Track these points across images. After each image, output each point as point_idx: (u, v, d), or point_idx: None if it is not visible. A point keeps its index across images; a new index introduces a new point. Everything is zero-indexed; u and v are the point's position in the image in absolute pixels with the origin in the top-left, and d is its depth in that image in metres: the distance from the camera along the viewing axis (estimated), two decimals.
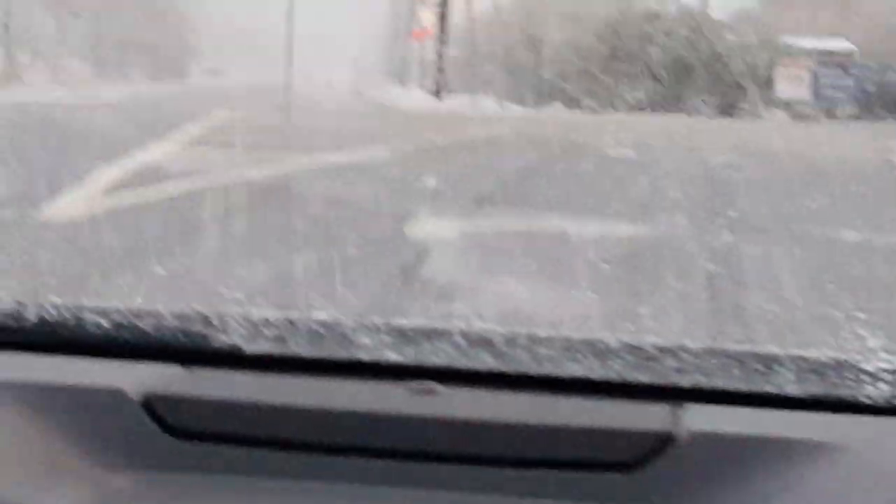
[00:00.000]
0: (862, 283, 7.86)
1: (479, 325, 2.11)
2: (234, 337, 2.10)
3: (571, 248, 8.90)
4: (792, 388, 1.97)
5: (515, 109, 33.63)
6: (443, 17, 35.37)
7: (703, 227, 9.95)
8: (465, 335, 2.09)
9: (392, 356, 2.07)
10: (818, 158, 17.54)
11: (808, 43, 39.69)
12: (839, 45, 40.79)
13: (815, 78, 33.07)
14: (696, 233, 9.72)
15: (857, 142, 22.60)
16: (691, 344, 2.04)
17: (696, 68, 32.46)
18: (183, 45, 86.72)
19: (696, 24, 35.41)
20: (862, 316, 5.93)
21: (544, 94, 34.83)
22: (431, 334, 2.11)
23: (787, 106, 33.17)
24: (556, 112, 32.53)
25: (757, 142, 21.42)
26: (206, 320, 2.14)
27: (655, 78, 33.46)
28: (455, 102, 33.31)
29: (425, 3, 40.32)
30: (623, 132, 21.64)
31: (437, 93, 34.66)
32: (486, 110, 31.82)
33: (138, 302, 3.98)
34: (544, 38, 44.82)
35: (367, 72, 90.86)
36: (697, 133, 23.74)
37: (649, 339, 2.05)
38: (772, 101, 34.27)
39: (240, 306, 3.08)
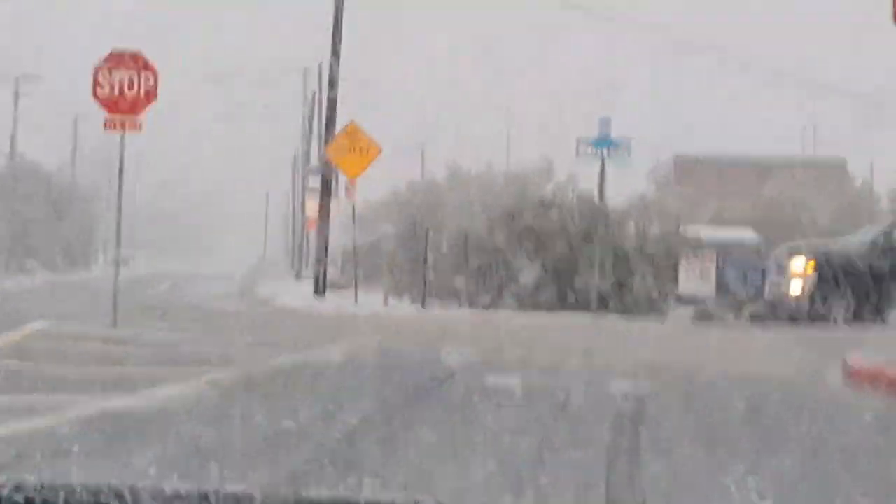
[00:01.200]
0: None
1: (385, 495, 2.50)
2: None
3: None
4: None
5: (402, 307, 30.89)
6: (321, 207, 32.72)
7: None
8: None
9: None
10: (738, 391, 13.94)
11: (711, 233, 37.52)
12: (745, 235, 38.55)
13: (721, 273, 30.46)
14: None
15: (765, 352, 19.83)
16: None
17: (594, 259, 29.88)
18: (89, 236, 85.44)
19: (595, 212, 33.01)
20: None
21: (433, 287, 32.24)
22: None
23: (692, 303, 30.56)
24: (440, 310, 29.74)
25: (661, 354, 18.48)
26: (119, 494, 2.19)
27: (553, 269, 30.88)
28: (337, 300, 30.47)
29: (312, 191, 37.88)
30: (510, 342, 18.84)
31: (317, 290, 31.86)
32: (368, 308, 28.95)
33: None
34: (438, 226, 42.76)
35: (273, 260, 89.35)
36: (592, 339, 20.89)
37: None
38: (676, 298, 31.82)
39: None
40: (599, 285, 29.27)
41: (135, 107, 16.49)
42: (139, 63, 16.59)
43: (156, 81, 16.69)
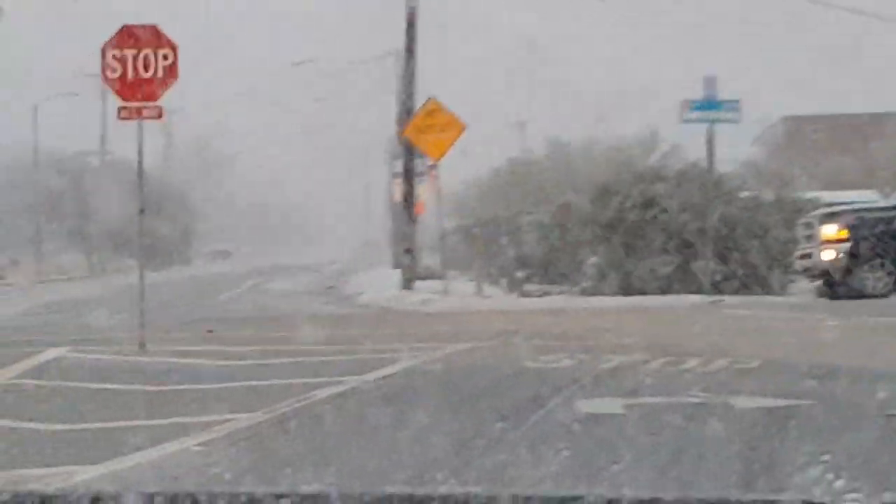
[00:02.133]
0: None
1: (460, 490, 2.15)
2: None
3: None
4: None
5: (499, 298, 28.02)
6: (405, 193, 29.86)
7: None
8: (445, 500, 2.15)
9: None
10: None
11: (832, 197, 34.08)
12: (868, 198, 35.07)
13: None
14: None
15: None
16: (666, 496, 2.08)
17: (709, 235, 26.73)
18: (185, 230, 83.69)
19: (708, 184, 29.93)
20: None
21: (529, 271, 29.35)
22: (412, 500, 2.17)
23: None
24: (554, 299, 26.77)
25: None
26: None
27: (665, 250, 27.77)
28: (423, 293, 27.57)
29: (397, 175, 35.13)
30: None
31: (406, 283, 29.03)
32: (457, 301, 26.06)
33: None
34: (537, 204, 39.93)
35: (377, 246, 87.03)
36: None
37: (627, 493, 2.10)
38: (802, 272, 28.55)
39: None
40: (718, 263, 26.17)
41: (152, 90, 13.73)
42: (155, 38, 13.79)
43: (175, 58, 13.86)
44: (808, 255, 25.38)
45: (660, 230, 27.80)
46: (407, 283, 28.86)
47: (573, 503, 2.10)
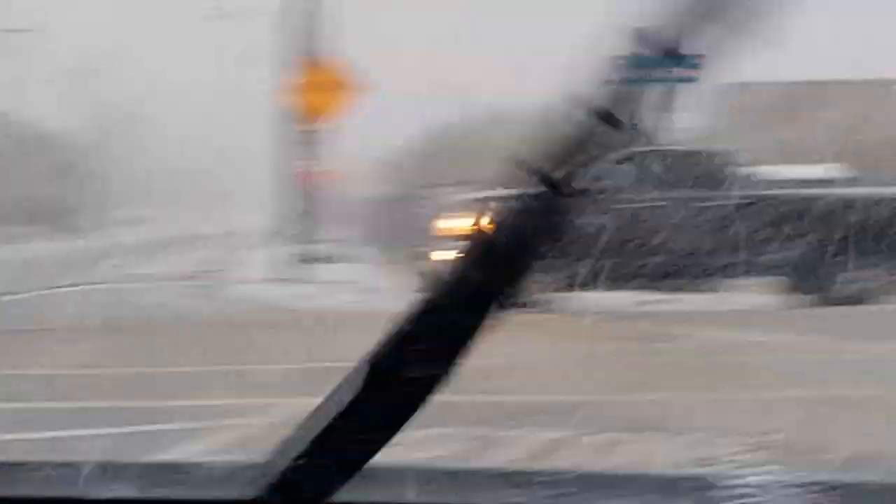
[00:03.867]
0: None
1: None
2: None
3: None
4: None
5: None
6: (302, 161, 25.21)
7: None
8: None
9: None
10: None
11: (790, 173, 29.77)
12: (833, 171, 30.73)
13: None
14: None
15: None
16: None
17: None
18: (99, 196, 79.12)
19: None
20: None
21: None
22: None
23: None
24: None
25: None
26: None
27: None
28: (311, 283, 22.65)
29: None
30: None
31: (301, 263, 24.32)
32: (341, 295, 21.23)
33: None
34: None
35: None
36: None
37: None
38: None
39: None
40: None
41: None
42: None
43: None
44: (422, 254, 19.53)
45: None
46: (291, 268, 24.20)
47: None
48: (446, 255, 10.52)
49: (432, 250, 18.58)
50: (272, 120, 26.36)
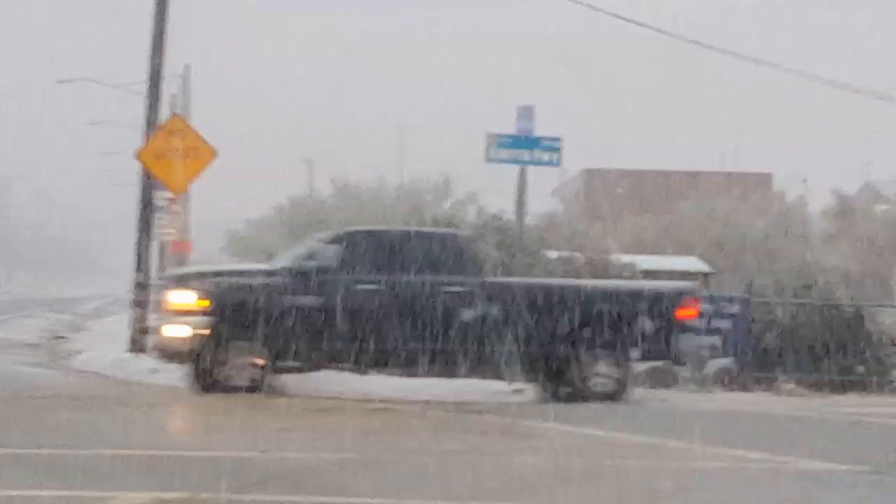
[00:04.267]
0: None
1: None
2: None
3: None
4: None
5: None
6: (141, 227, 23.71)
7: None
8: None
9: None
10: None
11: (651, 262, 29.20)
12: (690, 264, 30.19)
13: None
14: None
15: None
16: None
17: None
18: None
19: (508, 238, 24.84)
20: None
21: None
22: None
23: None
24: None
25: None
26: None
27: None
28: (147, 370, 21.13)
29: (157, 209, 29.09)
30: None
31: (134, 345, 22.86)
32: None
33: None
34: None
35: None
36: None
37: None
38: None
39: None
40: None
41: None
42: None
43: None
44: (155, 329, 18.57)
45: None
46: (136, 342, 22.77)
47: None
48: (177, 330, 9.18)
49: (163, 324, 17.53)
50: (133, 186, 24.94)
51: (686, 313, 17.94)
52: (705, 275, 29.16)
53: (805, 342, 20.65)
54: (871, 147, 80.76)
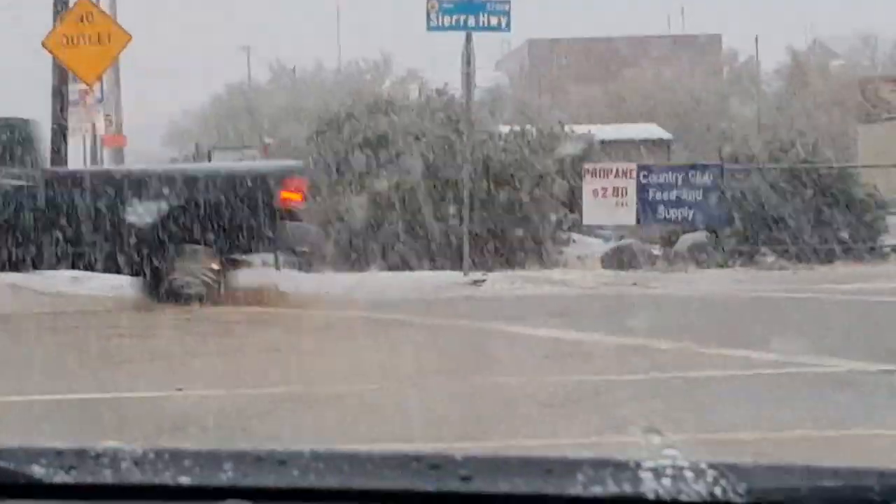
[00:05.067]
0: None
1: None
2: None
3: None
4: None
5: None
6: (57, 123, 21.55)
7: None
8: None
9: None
10: None
11: (610, 132, 27.40)
12: (651, 131, 28.37)
13: (644, 188, 19.92)
14: None
15: None
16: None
17: (458, 188, 19.49)
18: None
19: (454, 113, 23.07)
20: None
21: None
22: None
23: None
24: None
25: None
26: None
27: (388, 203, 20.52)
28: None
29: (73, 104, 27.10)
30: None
31: None
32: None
33: None
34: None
35: None
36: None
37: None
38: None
39: None
40: (468, 228, 18.50)
41: None
42: None
43: None
44: None
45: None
46: None
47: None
48: None
49: None
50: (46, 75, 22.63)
51: (290, 197, 14.97)
52: (667, 142, 27.48)
53: (786, 210, 18.96)
54: (815, 3, 79.41)
